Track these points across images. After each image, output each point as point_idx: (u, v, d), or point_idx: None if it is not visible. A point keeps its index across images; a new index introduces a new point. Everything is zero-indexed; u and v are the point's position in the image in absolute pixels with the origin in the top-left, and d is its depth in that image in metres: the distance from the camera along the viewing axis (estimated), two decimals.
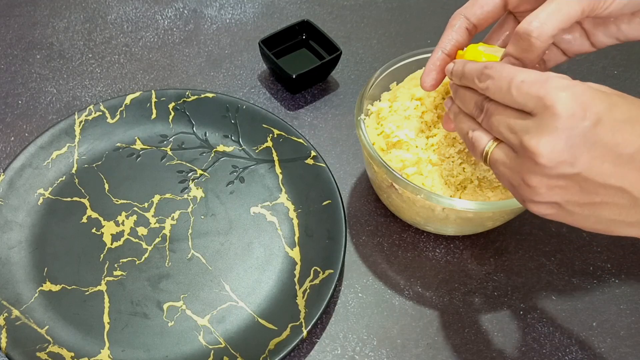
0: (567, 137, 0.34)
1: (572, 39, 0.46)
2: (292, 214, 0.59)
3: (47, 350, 0.50)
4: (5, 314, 0.51)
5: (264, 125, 0.63)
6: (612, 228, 0.38)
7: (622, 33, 0.44)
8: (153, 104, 0.64)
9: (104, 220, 0.58)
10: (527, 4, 0.45)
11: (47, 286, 0.54)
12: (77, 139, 0.62)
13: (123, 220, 0.58)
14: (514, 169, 0.38)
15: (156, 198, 0.59)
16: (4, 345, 0.49)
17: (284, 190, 0.60)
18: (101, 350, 0.51)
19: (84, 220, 0.58)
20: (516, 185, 0.38)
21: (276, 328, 0.51)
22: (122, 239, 0.57)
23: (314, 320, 0.51)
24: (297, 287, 0.54)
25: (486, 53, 0.44)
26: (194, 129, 0.64)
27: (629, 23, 0.43)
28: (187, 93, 0.65)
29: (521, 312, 0.54)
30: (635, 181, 0.35)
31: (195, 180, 0.61)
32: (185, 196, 0.60)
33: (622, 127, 0.34)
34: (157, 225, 0.58)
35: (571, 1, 0.39)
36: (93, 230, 0.57)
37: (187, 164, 0.62)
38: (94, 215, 0.58)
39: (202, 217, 0.58)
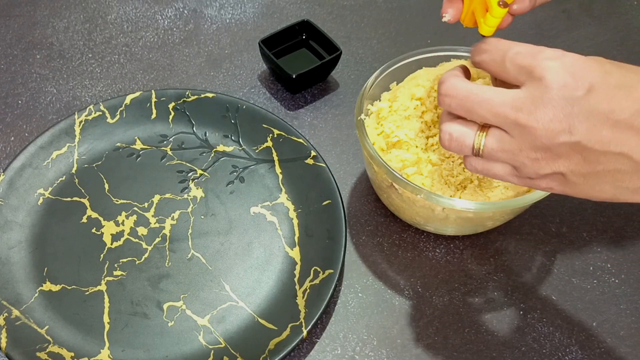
0: (561, 107, 0.34)
1: None
2: (292, 214, 0.59)
3: (47, 350, 0.50)
4: (5, 314, 0.51)
5: (264, 125, 0.63)
6: (617, 196, 0.37)
7: None
8: (153, 103, 0.64)
9: (104, 220, 0.58)
10: None
11: (47, 286, 0.54)
12: (77, 139, 0.62)
13: (123, 220, 0.58)
14: (513, 150, 0.37)
15: (156, 198, 0.59)
16: (4, 345, 0.49)
17: (284, 190, 0.60)
18: (101, 350, 0.51)
19: (84, 220, 0.58)
20: (518, 166, 0.38)
21: (276, 328, 0.51)
22: (122, 239, 0.57)
23: (314, 320, 0.51)
24: (297, 287, 0.54)
25: None
26: (194, 129, 0.64)
27: None
28: (187, 93, 0.65)
29: (521, 312, 0.54)
30: (635, 146, 0.35)
31: (195, 180, 0.61)
32: (185, 196, 0.60)
33: (616, 93, 0.34)
34: (157, 225, 0.58)
35: None
36: (93, 230, 0.57)
37: (187, 164, 0.62)
38: (94, 215, 0.58)
39: (202, 217, 0.58)
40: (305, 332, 0.50)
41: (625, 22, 0.78)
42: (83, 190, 0.60)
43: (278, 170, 0.61)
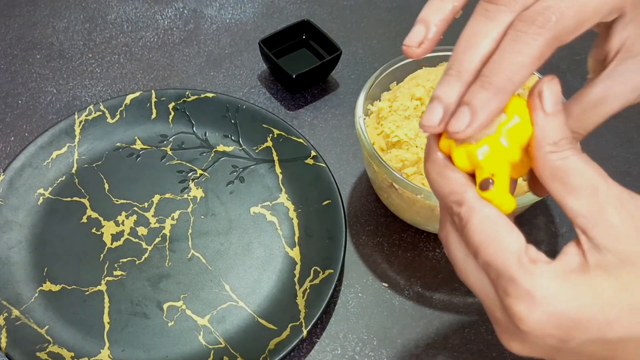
0: (541, 345, 0.29)
1: None
2: (292, 214, 0.59)
3: (47, 350, 0.50)
4: (5, 314, 0.51)
5: (264, 125, 0.63)
6: None
7: None
8: (153, 103, 0.64)
9: (104, 220, 0.58)
10: None
11: (47, 286, 0.54)
12: (77, 139, 0.62)
13: (123, 220, 0.58)
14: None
15: (156, 198, 0.59)
16: (4, 345, 0.49)
17: (284, 190, 0.60)
18: (101, 350, 0.51)
19: (84, 220, 0.58)
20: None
21: (276, 328, 0.51)
22: (122, 239, 0.57)
23: (314, 320, 0.51)
24: (297, 287, 0.54)
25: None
26: (194, 128, 0.64)
27: None
28: (187, 93, 0.65)
29: None
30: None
31: (195, 180, 0.61)
32: (185, 196, 0.60)
33: (617, 346, 0.28)
34: (157, 225, 0.58)
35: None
36: (93, 230, 0.57)
37: (187, 164, 0.62)
38: (94, 215, 0.58)
39: (202, 217, 0.58)
40: (305, 332, 0.50)
41: None
42: (83, 190, 0.60)
43: (278, 170, 0.61)
